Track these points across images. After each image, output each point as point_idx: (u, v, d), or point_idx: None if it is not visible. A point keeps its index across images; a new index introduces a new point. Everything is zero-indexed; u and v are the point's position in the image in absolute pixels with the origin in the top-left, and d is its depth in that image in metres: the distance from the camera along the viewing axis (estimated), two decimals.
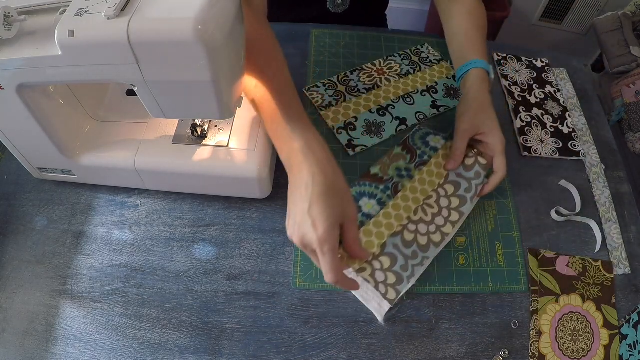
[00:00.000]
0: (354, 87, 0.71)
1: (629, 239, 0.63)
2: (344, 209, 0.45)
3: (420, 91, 0.72)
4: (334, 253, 0.42)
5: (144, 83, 0.42)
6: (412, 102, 0.71)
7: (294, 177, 0.47)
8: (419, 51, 0.78)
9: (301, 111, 0.51)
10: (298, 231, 0.44)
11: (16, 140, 0.52)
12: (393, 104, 0.70)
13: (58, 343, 0.49)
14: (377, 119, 0.68)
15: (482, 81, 0.63)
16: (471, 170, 0.61)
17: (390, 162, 0.63)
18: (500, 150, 0.59)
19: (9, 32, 0.40)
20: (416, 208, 0.59)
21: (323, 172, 0.45)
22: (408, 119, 0.69)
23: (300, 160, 0.46)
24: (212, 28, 0.38)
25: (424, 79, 0.74)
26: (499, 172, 0.59)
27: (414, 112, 0.70)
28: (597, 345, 0.54)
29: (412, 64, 0.76)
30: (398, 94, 0.72)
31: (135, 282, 0.53)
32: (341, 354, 0.50)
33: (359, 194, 0.59)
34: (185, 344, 0.50)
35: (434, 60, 0.77)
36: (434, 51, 0.78)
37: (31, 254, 0.55)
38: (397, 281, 0.53)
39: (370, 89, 0.72)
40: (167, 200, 0.59)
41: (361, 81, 0.72)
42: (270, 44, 0.55)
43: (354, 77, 0.73)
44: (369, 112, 0.69)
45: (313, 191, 0.44)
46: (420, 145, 0.65)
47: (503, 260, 0.58)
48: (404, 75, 0.74)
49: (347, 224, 0.46)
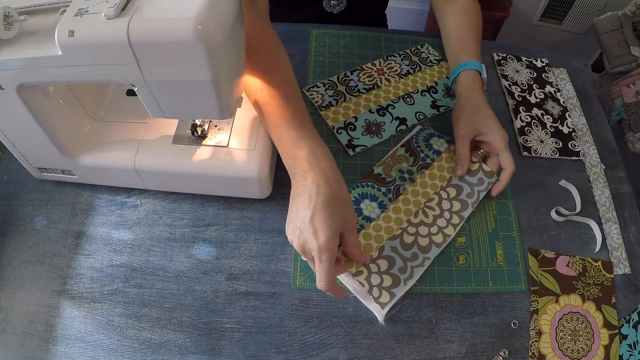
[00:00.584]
0: (354, 87, 0.71)
1: (629, 239, 0.63)
2: (345, 218, 0.46)
3: (420, 91, 0.72)
4: (331, 262, 0.44)
5: (144, 83, 0.42)
6: (412, 102, 0.71)
7: (297, 183, 0.48)
8: (419, 51, 0.78)
9: (307, 118, 0.51)
10: (299, 237, 0.45)
11: (16, 140, 0.52)
12: (393, 104, 0.70)
13: (58, 343, 0.49)
14: (377, 119, 0.68)
15: (474, 81, 0.64)
16: (474, 176, 0.62)
17: (394, 164, 0.63)
18: (502, 147, 0.59)
19: (9, 32, 0.40)
20: (417, 211, 0.59)
21: (327, 183, 0.46)
22: (408, 119, 0.69)
23: (305, 169, 0.47)
24: (212, 28, 0.38)
25: (424, 79, 0.74)
26: (507, 168, 0.59)
27: (414, 112, 0.70)
28: (597, 345, 0.54)
29: (412, 64, 0.76)
30: (398, 94, 0.72)
31: (135, 282, 0.53)
32: (341, 354, 0.50)
33: (360, 196, 0.59)
34: (185, 344, 0.50)
35: (434, 60, 0.77)
36: (433, 51, 0.78)
37: (31, 254, 0.55)
38: (393, 284, 0.53)
39: (370, 89, 0.71)
40: (167, 200, 0.59)
41: (361, 81, 0.72)
42: (274, 44, 0.55)
43: (354, 77, 0.73)
44: (369, 112, 0.69)
45: (317, 201, 0.44)
46: (423, 147, 0.65)
47: (503, 260, 0.58)
48: (404, 75, 0.74)
49: (348, 232, 0.47)
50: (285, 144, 0.49)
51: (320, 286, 0.44)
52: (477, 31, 0.71)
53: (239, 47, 0.46)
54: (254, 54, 0.51)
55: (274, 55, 0.54)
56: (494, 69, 0.79)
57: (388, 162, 0.63)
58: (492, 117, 0.60)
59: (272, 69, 0.52)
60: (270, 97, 0.50)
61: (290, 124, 0.49)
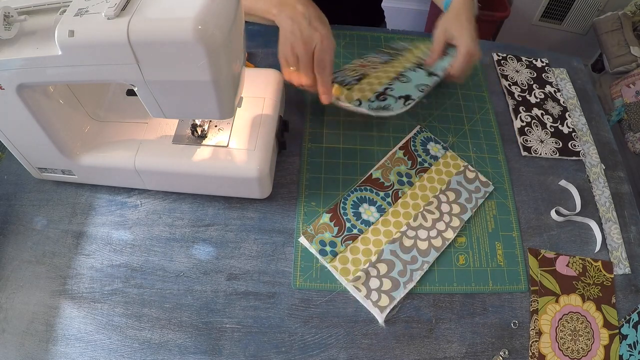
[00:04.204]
0: (342, 81, 0.68)
1: (629, 239, 0.63)
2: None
3: (411, 68, 0.71)
4: (331, 68, 0.57)
5: (144, 83, 0.42)
6: (408, 80, 0.69)
7: (282, 13, 0.56)
8: (393, 47, 0.77)
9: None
10: (300, 38, 0.54)
11: (16, 140, 0.52)
12: (390, 86, 0.68)
13: (58, 343, 0.49)
14: (380, 103, 0.65)
15: (465, 1, 0.68)
16: (472, 184, 0.63)
17: (392, 166, 0.63)
18: (461, 53, 0.64)
19: (9, 32, 0.40)
20: (416, 214, 0.59)
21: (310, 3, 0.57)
22: (412, 94, 0.66)
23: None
24: (212, 28, 0.38)
25: (408, 60, 0.73)
26: (451, 70, 0.65)
27: (413, 86, 0.68)
28: (597, 345, 0.54)
29: (390, 54, 0.75)
30: (390, 77, 0.69)
31: (135, 282, 0.53)
32: (341, 354, 0.50)
33: (359, 200, 0.60)
34: (185, 344, 0.50)
35: (408, 45, 0.76)
36: (404, 43, 0.77)
37: (31, 254, 0.55)
38: (393, 287, 0.53)
39: (360, 79, 0.69)
40: (167, 200, 0.59)
41: (347, 75, 0.70)
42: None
43: (339, 74, 0.70)
44: (369, 102, 0.66)
45: (310, 10, 0.56)
46: (421, 152, 0.65)
47: (503, 260, 0.58)
48: (387, 62, 0.73)
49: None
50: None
51: (326, 100, 0.59)
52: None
53: (239, 47, 0.46)
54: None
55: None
56: (494, 69, 0.79)
57: (387, 164, 0.63)
58: (466, 26, 0.65)
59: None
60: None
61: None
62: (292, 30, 0.55)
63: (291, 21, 0.55)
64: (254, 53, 0.74)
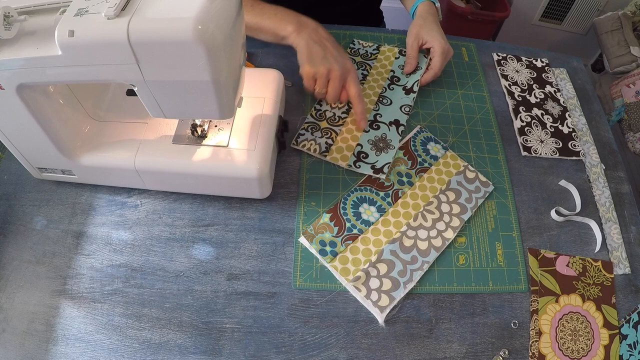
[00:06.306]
0: (332, 117, 0.67)
1: (629, 239, 0.63)
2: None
3: (387, 86, 0.72)
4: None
5: (144, 83, 0.42)
6: (389, 101, 0.70)
7: (301, 34, 0.62)
8: (354, 49, 0.77)
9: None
10: (334, 62, 0.61)
11: (16, 140, 0.52)
12: (376, 112, 0.68)
13: (58, 343, 0.49)
14: (377, 133, 0.65)
15: (429, 7, 0.74)
16: (472, 184, 0.63)
17: (392, 166, 0.63)
18: (438, 52, 0.69)
19: (9, 32, 0.40)
20: (416, 214, 0.59)
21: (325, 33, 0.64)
22: (399, 118, 0.67)
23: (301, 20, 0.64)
24: (212, 28, 0.38)
25: (380, 74, 0.73)
26: (432, 69, 0.71)
27: (397, 108, 0.69)
28: (597, 345, 0.54)
29: (360, 65, 0.74)
30: (374, 101, 0.70)
31: (135, 282, 0.53)
32: (341, 354, 0.50)
33: (359, 200, 0.60)
34: (185, 344, 0.50)
35: (373, 51, 0.76)
36: (364, 42, 0.78)
37: (31, 254, 0.55)
38: (393, 287, 0.53)
39: (347, 110, 0.68)
40: (167, 200, 0.59)
41: (334, 107, 0.68)
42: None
43: (325, 106, 0.68)
44: (364, 133, 0.65)
45: (330, 37, 0.63)
46: (421, 152, 0.65)
47: (503, 260, 0.58)
48: (363, 81, 0.72)
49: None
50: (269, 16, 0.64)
51: (364, 125, 0.65)
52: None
53: (239, 47, 0.46)
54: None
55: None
56: (494, 69, 0.79)
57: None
58: (435, 30, 0.71)
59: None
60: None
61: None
62: (323, 56, 0.61)
63: (319, 46, 0.61)
64: (254, 53, 0.74)
